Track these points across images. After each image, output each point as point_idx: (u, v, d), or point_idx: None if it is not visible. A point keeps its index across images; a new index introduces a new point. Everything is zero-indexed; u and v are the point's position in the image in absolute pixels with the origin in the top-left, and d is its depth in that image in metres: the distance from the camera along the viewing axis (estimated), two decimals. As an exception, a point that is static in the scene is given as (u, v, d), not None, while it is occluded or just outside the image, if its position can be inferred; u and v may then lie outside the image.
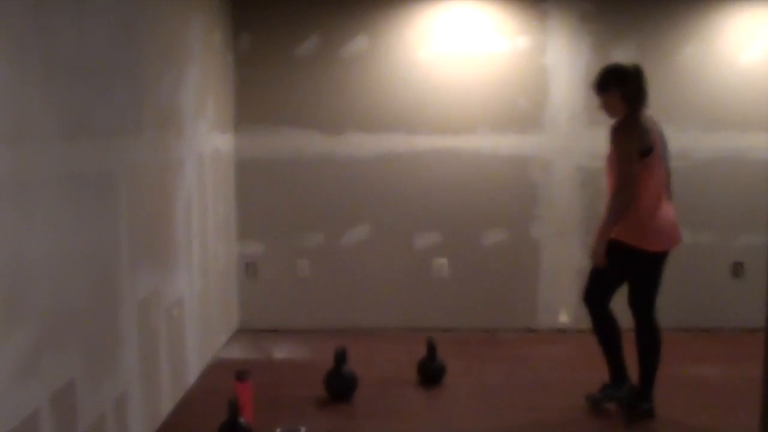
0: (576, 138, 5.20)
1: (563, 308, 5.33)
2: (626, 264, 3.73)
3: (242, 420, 3.35)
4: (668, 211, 3.79)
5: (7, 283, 2.26)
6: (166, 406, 3.75)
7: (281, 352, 4.90)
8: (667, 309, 5.28)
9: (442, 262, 5.28)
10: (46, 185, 2.49)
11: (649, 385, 3.76)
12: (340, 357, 4.01)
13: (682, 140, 5.21)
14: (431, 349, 4.23)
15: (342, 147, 5.24)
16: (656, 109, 5.16)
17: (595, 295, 3.85)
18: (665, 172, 3.81)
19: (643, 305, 3.77)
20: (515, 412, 3.86)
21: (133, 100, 3.31)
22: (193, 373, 4.24)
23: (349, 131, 5.23)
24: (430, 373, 4.24)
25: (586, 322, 5.27)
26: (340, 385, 3.99)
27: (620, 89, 3.68)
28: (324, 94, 5.20)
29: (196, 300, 4.27)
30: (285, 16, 5.16)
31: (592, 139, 5.21)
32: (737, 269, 5.29)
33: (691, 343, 5.04)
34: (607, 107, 3.75)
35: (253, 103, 5.22)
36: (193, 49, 4.25)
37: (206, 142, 4.52)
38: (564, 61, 5.16)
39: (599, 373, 4.45)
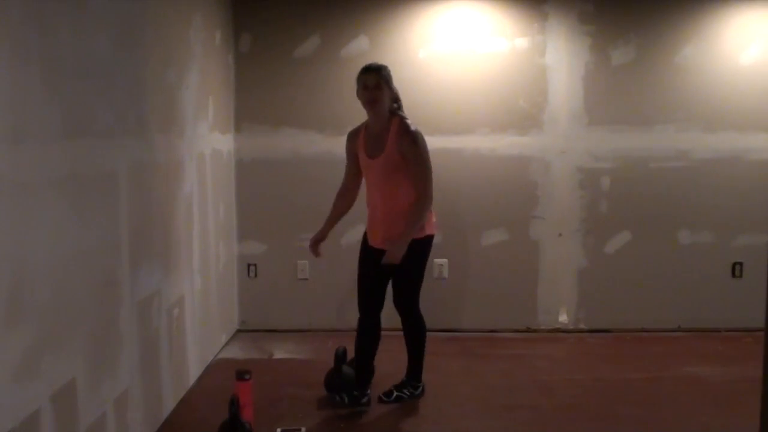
0: (575, 138, 5.21)
1: (563, 308, 5.33)
2: (420, 256, 3.84)
3: (242, 419, 3.35)
4: None
5: (8, 283, 2.26)
6: (167, 405, 3.75)
7: (281, 352, 4.90)
8: (667, 309, 5.33)
9: (442, 262, 5.28)
10: (47, 185, 2.49)
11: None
12: (340, 357, 4.02)
13: (682, 140, 5.23)
14: None
15: (342, 147, 5.21)
16: (656, 109, 5.22)
17: (409, 297, 3.90)
18: None
19: (416, 294, 3.93)
20: (515, 412, 3.87)
21: (134, 100, 3.31)
22: (193, 372, 4.24)
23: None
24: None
25: (585, 322, 5.33)
26: (340, 385, 3.99)
27: (392, 90, 3.79)
28: (324, 94, 5.20)
29: (196, 300, 4.27)
30: (285, 16, 5.17)
31: (592, 140, 5.22)
32: (737, 269, 5.29)
33: (691, 343, 5.04)
34: (381, 98, 3.74)
35: (253, 103, 5.23)
36: (194, 50, 4.26)
37: (206, 142, 4.52)
38: (563, 62, 5.16)
39: (598, 373, 4.46)
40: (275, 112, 5.23)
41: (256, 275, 5.36)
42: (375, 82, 3.73)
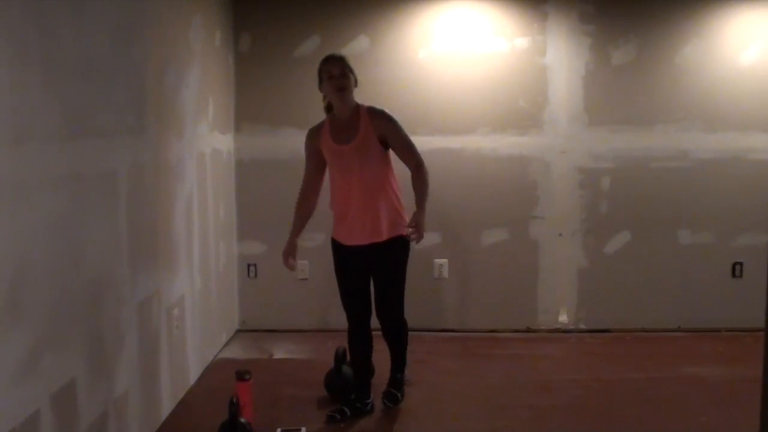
0: (575, 138, 5.21)
1: (563, 308, 5.33)
2: (403, 256, 3.78)
3: (242, 419, 3.35)
4: None
5: (7, 283, 2.27)
6: (167, 405, 3.75)
7: (281, 352, 4.90)
8: (667, 309, 5.33)
9: (442, 262, 5.28)
10: (47, 185, 2.49)
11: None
12: (340, 357, 4.02)
13: (682, 140, 5.23)
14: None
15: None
16: (656, 109, 5.22)
17: (397, 303, 3.80)
18: None
19: (403, 299, 3.83)
20: (515, 412, 3.87)
21: (134, 100, 3.32)
22: (193, 372, 4.24)
23: (349, 131, 5.22)
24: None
25: (585, 322, 5.33)
26: (340, 385, 3.99)
27: (355, 78, 3.75)
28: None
29: (196, 300, 4.27)
30: (285, 16, 5.16)
31: (592, 140, 5.22)
32: (737, 269, 5.29)
33: (691, 343, 5.04)
34: (349, 86, 3.70)
35: (253, 103, 5.23)
36: (194, 50, 4.26)
37: (206, 142, 4.53)
38: (563, 62, 5.16)
39: (598, 373, 4.46)
40: (275, 112, 5.23)
41: (256, 275, 5.36)
42: (340, 70, 3.67)
